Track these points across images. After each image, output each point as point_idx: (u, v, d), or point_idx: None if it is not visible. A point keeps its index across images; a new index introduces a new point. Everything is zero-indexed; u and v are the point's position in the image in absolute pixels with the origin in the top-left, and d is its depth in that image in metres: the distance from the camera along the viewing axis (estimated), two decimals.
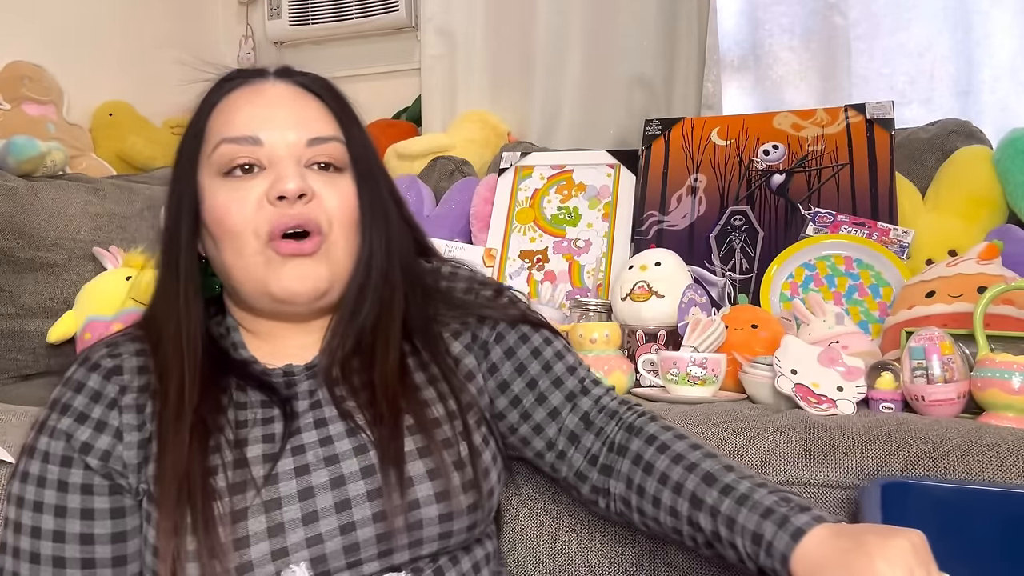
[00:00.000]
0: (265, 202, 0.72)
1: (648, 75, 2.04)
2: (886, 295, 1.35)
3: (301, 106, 0.77)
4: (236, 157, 0.73)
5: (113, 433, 0.71)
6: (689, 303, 1.29)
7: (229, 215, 0.72)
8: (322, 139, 0.75)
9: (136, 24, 2.32)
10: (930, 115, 1.82)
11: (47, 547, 0.68)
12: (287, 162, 0.73)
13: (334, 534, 0.69)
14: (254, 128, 0.73)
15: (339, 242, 0.75)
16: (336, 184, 0.75)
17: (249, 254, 0.72)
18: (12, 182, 1.60)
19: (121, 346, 0.76)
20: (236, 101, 0.76)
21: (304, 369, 0.78)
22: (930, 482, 0.82)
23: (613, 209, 1.69)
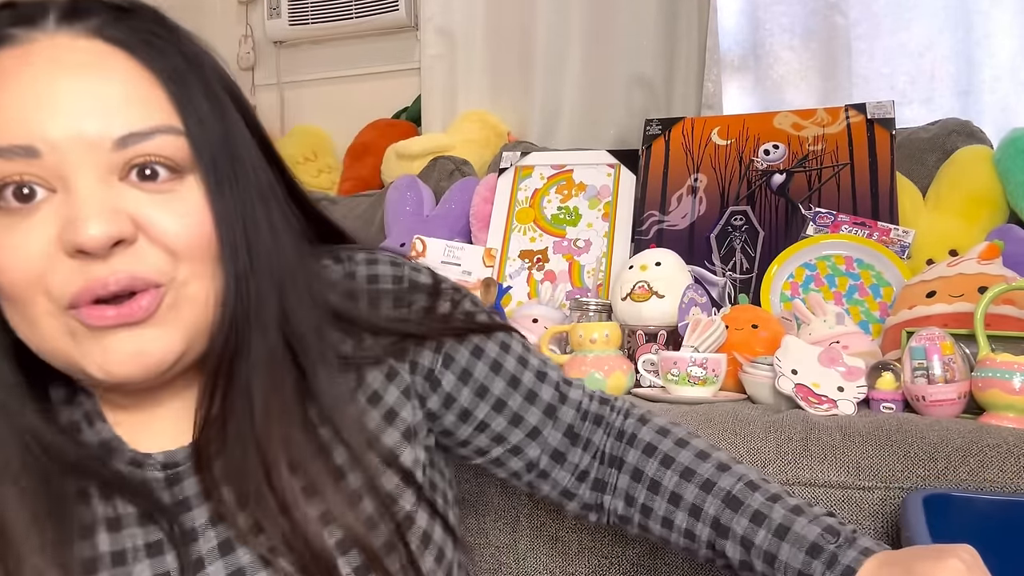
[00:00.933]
0: (59, 252, 0.47)
1: (648, 75, 2.04)
2: (887, 295, 1.35)
3: (103, 77, 0.48)
4: (2, 179, 0.46)
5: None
6: (689, 303, 1.29)
7: (3, 273, 0.47)
8: (140, 134, 0.48)
9: None
10: (931, 115, 1.82)
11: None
12: (85, 183, 0.47)
13: None
14: (24, 129, 0.46)
15: (191, 283, 0.50)
16: (174, 198, 0.49)
17: (44, 324, 0.48)
18: None
19: None
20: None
21: (192, 453, 0.55)
22: (973, 495, 0.80)
23: (613, 209, 1.69)
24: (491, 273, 1.68)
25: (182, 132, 0.50)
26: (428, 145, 2.07)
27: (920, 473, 0.86)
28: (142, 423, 0.56)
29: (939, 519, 0.75)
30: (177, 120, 0.50)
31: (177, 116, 0.50)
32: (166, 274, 0.49)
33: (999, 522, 0.77)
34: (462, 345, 0.64)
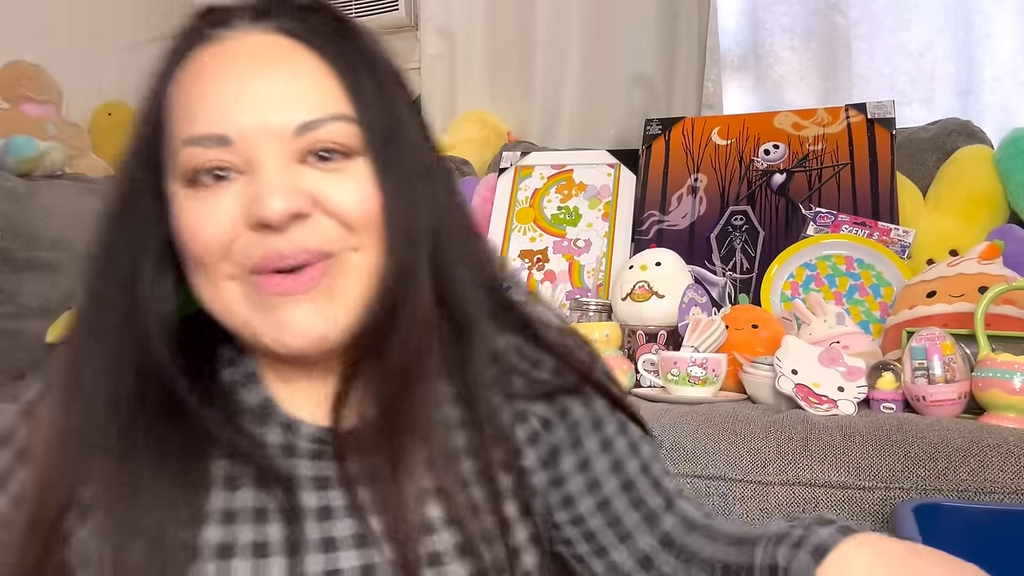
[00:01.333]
0: (244, 226, 0.52)
1: (648, 75, 2.04)
2: (887, 295, 1.35)
3: (286, 71, 0.53)
4: (200, 163, 0.52)
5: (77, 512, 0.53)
6: (689, 303, 1.29)
7: (195, 239, 0.52)
8: (317, 122, 0.53)
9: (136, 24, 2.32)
10: (931, 115, 1.82)
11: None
12: (269, 165, 0.52)
13: None
14: (219, 119, 0.52)
15: (358, 256, 0.54)
16: (346, 176, 0.54)
17: (225, 288, 0.53)
18: (11, 182, 1.60)
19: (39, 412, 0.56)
20: (195, 74, 0.54)
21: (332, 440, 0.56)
22: (963, 504, 0.80)
23: (613, 209, 1.69)
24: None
25: (353, 119, 0.54)
26: None
27: (920, 473, 0.86)
28: (297, 391, 0.58)
29: (930, 528, 0.75)
30: (349, 108, 0.54)
31: (349, 104, 0.54)
32: (338, 243, 0.53)
33: (989, 530, 0.77)
34: (595, 432, 0.62)
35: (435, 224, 0.57)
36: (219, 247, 0.52)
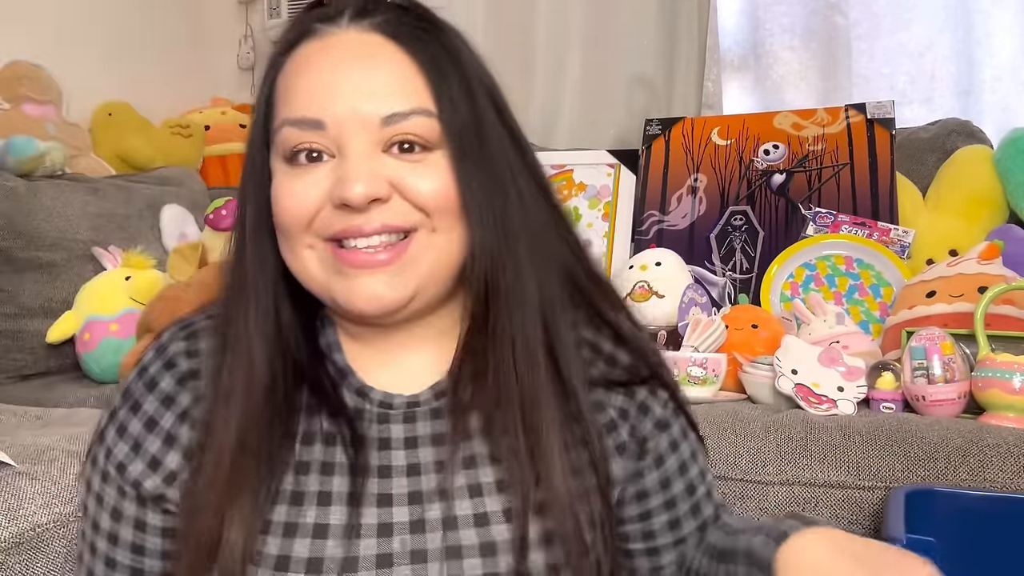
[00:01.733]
0: (328, 203, 0.58)
1: (648, 75, 2.04)
2: (887, 295, 1.35)
3: (377, 67, 0.59)
4: (297, 144, 0.58)
5: (181, 453, 0.60)
6: (689, 303, 1.29)
7: (284, 210, 0.58)
8: (402, 114, 0.57)
9: (136, 24, 2.32)
10: (931, 115, 1.82)
11: (101, 544, 0.62)
12: (357, 151, 0.57)
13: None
14: (316, 105, 0.58)
15: (435, 237, 0.59)
16: (424, 166, 0.58)
17: (303, 251, 0.59)
18: (11, 182, 1.60)
19: (201, 339, 0.63)
20: (300, 64, 0.60)
21: (405, 403, 0.62)
22: (956, 490, 0.81)
23: (613, 209, 1.69)
24: None
25: (435, 115, 0.58)
26: None
27: (920, 473, 0.86)
28: (374, 362, 0.63)
29: (923, 514, 0.76)
30: (432, 104, 0.59)
31: (432, 100, 0.59)
32: (415, 222, 0.58)
33: (983, 516, 0.78)
34: (663, 432, 0.65)
35: (523, 217, 0.61)
36: (304, 220, 0.58)
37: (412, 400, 0.62)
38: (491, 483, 0.59)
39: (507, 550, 0.57)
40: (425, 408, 0.62)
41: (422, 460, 0.60)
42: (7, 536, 0.79)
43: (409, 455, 0.60)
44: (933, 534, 0.71)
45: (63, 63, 2.07)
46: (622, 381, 0.64)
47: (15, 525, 0.80)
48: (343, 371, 0.63)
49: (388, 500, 0.58)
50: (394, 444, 0.61)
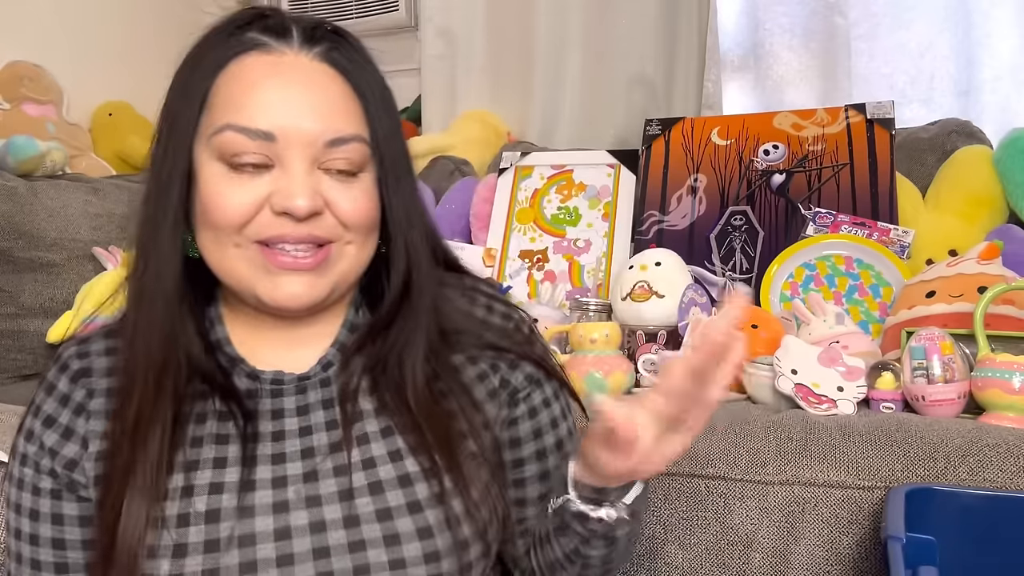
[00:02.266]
0: (267, 207, 0.63)
1: (648, 75, 2.04)
2: (886, 295, 1.35)
3: (324, 93, 0.66)
4: (243, 152, 0.63)
5: (79, 442, 0.67)
6: (689, 303, 1.29)
7: (221, 209, 0.63)
8: (343, 139, 0.65)
9: (136, 24, 2.32)
10: (930, 115, 1.82)
11: (25, 549, 0.67)
12: (299, 167, 0.63)
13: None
14: (267, 119, 0.63)
15: (349, 247, 0.67)
16: (351, 187, 0.66)
17: (231, 250, 0.65)
18: (12, 182, 1.60)
19: (92, 343, 0.70)
20: (249, 74, 0.65)
21: (295, 379, 0.70)
22: (956, 488, 0.81)
23: (613, 209, 1.69)
24: (491, 273, 1.69)
25: (367, 141, 0.67)
26: (428, 145, 2.07)
27: (920, 473, 0.86)
28: (266, 350, 0.71)
29: (923, 513, 0.76)
30: (366, 131, 0.67)
31: (366, 127, 0.67)
32: (336, 236, 0.66)
33: (983, 515, 0.78)
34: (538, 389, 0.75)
35: (421, 223, 0.71)
36: (239, 223, 0.64)
37: (302, 376, 0.70)
38: (376, 431, 0.67)
39: (394, 486, 0.65)
40: (315, 380, 0.70)
41: (313, 422, 0.68)
42: None
43: (302, 420, 0.68)
44: (933, 533, 0.72)
45: (63, 63, 2.07)
46: (492, 344, 0.73)
47: None
48: (234, 360, 0.70)
49: (282, 458, 0.66)
50: (287, 413, 0.69)
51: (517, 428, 0.74)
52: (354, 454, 0.66)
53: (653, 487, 0.95)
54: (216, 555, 0.61)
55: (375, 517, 0.64)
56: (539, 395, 0.75)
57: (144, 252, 0.67)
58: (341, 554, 0.63)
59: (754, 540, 0.90)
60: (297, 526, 0.63)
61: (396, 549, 0.63)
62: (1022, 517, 0.77)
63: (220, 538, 0.62)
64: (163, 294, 0.66)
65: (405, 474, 0.66)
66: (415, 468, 0.66)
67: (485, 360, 0.73)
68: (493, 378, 0.73)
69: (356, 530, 0.63)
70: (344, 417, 0.68)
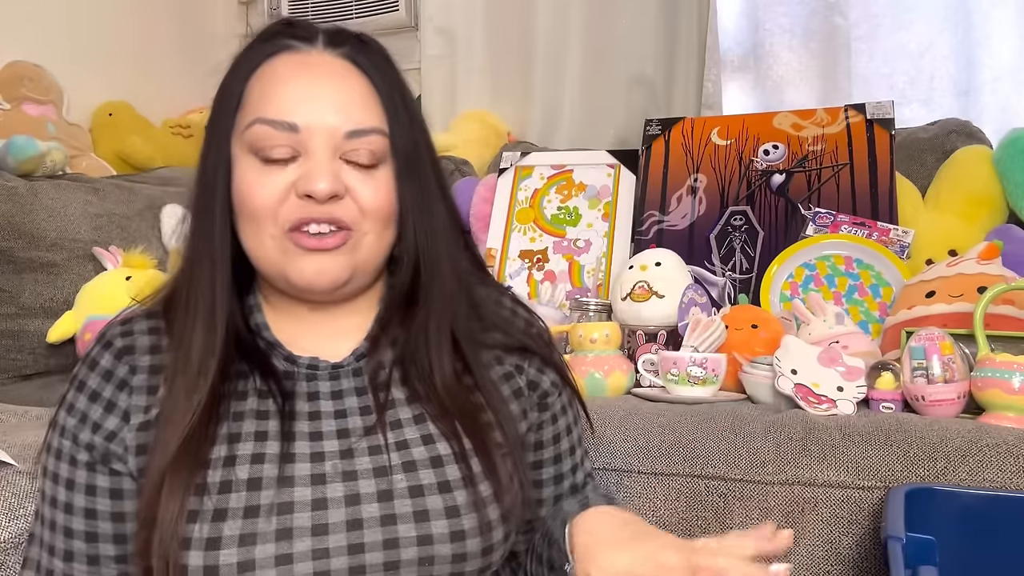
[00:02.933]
0: (292, 193, 0.69)
1: (648, 75, 2.04)
2: (886, 295, 1.35)
3: (346, 87, 0.71)
4: (272, 144, 0.69)
5: (121, 415, 0.70)
6: (689, 303, 1.29)
7: (253, 198, 0.69)
8: (362, 131, 0.70)
9: (136, 24, 2.32)
10: (930, 115, 1.82)
11: (60, 516, 0.70)
12: (321, 155, 0.69)
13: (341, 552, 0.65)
14: (293, 111, 0.69)
15: (369, 236, 0.71)
16: (370, 178, 0.71)
17: (267, 240, 0.70)
18: (12, 182, 1.60)
19: (135, 323, 0.74)
20: (277, 71, 0.71)
21: (330, 367, 0.75)
22: (956, 488, 0.81)
23: (613, 209, 1.69)
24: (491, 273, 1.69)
25: (387, 134, 0.71)
26: None
27: (920, 473, 0.87)
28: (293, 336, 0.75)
29: (923, 513, 0.76)
30: (385, 125, 0.71)
31: (385, 122, 0.72)
32: (356, 223, 0.70)
33: (982, 515, 0.78)
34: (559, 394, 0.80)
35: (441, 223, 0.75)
36: (272, 209, 0.69)
37: (336, 364, 0.74)
38: (409, 418, 0.71)
39: (427, 466, 0.69)
40: (348, 368, 0.75)
41: (348, 406, 0.72)
42: (7, 536, 0.79)
43: (336, 403, 0.73)
44: (933, 533, 0.72)
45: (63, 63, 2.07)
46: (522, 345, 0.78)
47: (15, 525, 0.80)
48: (272, 344, 0.75)
49: (319, 436, 0.70)
50: (322, 395, 0.73)
51: (543, 432, 0.79)
52: (389, 436, 0.70)
53: (653, 487, 0.95)
54: (255, 520, 0.65)
55: (407, 493, 0.67)
56: (559, 402, 0.80)
57: (202, 244, 0.72)
58: (373, 526, 0.66)
59: None
60: (333, 498, 0.66)
61: (425, 525, 0.66)
62: (1022, 517, 0.77)
63: (260, 505, 0.65)
64: (216, 279, 0.71)
65: (437, 456, 0.69)
66: (447, 451, 0.70)
67: (511, 361, 0.78)
68: (519, 379, 0.78)
69: (388, 504, 0.67)
70: (377, 402, 0.72)
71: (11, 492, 0.82)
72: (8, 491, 0.82)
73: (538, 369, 0.79)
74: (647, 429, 0.99)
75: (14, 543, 0.79)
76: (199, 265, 0.72)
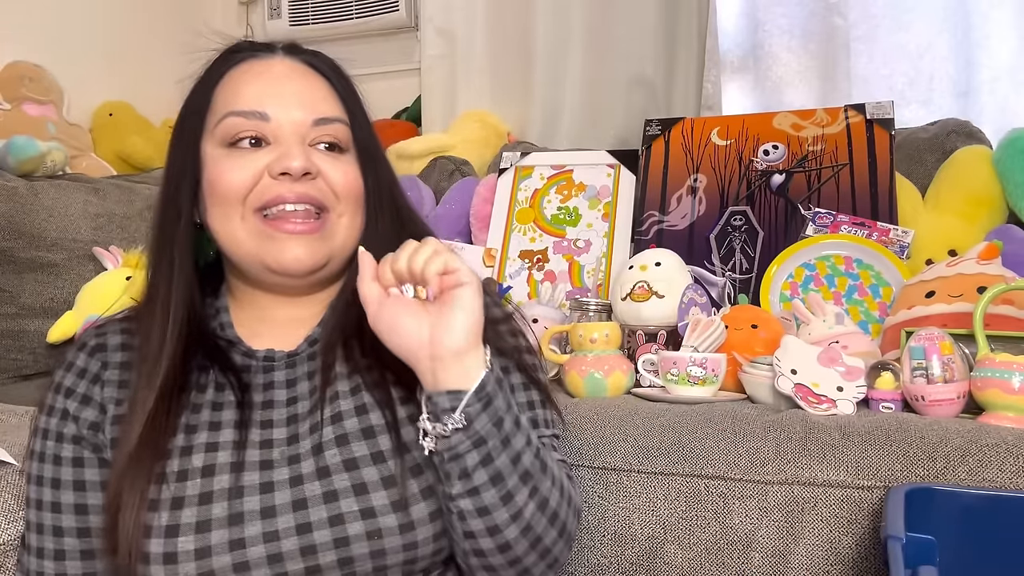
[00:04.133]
0: (266, 175, 0.72)
1: (648, 75, 2.04)
2: (886, 295, 1.35)
3: (308, 85, 0.77)
4: (242, 131, 0.73)
5: (98, 408, 0.73)
6: (689, 303, 1.29)
7: (223, 182, 0.73)
8: (328, 119, 0.76)
9: (136, 24, 2.32)
10: (930, 116, 1.82)
11: (47, 518, 0.71)
12: (292, 140, 0.74)
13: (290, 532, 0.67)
14: (262, 103, 0.74)
15: (343, 218, 0.76)
16: (339, 161, 0.76)
17: (237, 223, 0.73)
18: (12, 182, 1.60)
19: (108, 324, 0.78)
20: (244, 75, 0.77)
21: (285, 356, 0.78)
22: (956, 488, 0.81)
23: (613, 209, 1.69)
24: (491, 273, 1.69)
25: (348, 124, 0.78)
26: (428, 145, 2.07)
27: (920, 472, 0.87)
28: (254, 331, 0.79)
29: (922, 513, 0.76)
30: (345, 116, 0.78)
31: (345, 114, 0.78)
32: (330, 203, 0.75)
33: (982, 515, 0.78)
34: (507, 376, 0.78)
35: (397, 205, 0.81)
36: (243, 191, 0.72)
37: (292, 352, 0.78)
38: (346, 391, 0.74)
39: (359, 438, 0.71)
40: (303, 355, 0.78)
41: (299, 392, 0.75)
42: (7, 538, 0.79)
43: (289, 391, 0.76)
44: (932, 533, 0.72)
45: (63, 63, 2.07)
46: None
47: (15, 527, 0.80)
48: (232, 341, 0.79)
49: (270, 424, 0.73)
50: (276, 385, 0.76)
51: None
52: (325, 411, 0.73)
53: (653, 487, 0.95)
54: (208, 507, 0.67)
55: (343, 467, 0.69)
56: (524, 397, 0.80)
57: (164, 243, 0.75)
58: (317, 504, 0.68)
59: (754, 540, 0.90)
60: (279, 480, 0.69)
61: (365, 498, 0.68)
62: (1022, 517, 0.77)
63: (213, 491, 0.68)
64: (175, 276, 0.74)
65: (369, 426, 0.71)
66: (379, 421, 0.72)
67: None
68: None
69: (327, 480, 0.69)
70: (322, 382, 0.74)
71: (11, 493, 0.82)
72: (8, 492, 0.82)
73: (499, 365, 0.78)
74: (647, 429, 0.99)
75: (14, 544, 0.79)
76: (160, 264, 0.75)
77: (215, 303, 0.81)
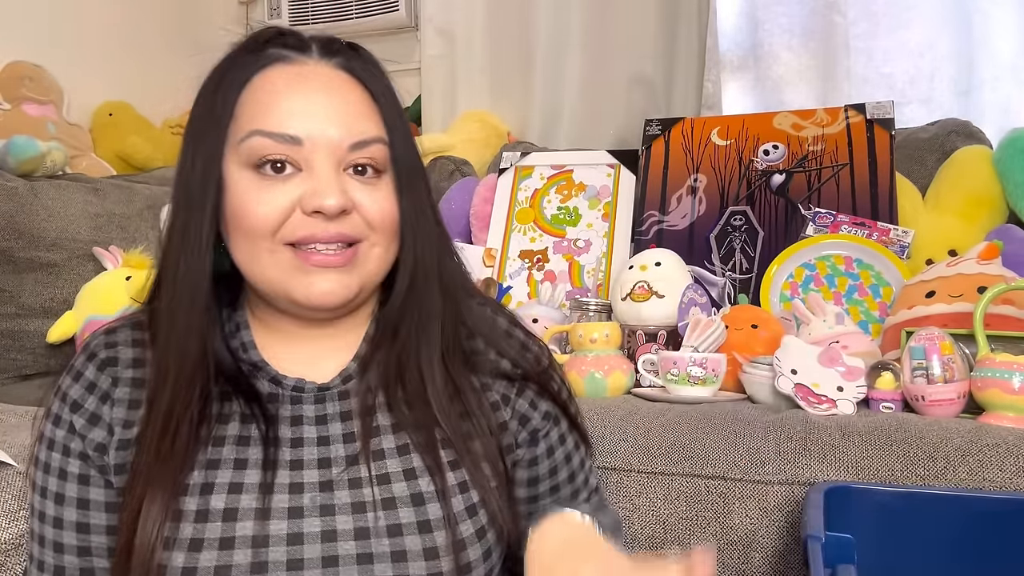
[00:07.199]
0: (298, 210, 0.66)
1: (648, 75, 2.04)
2: (886, 295, 1.35)
3: (345, 98, 0.69)
4: (272, 154, 0.66)
5: (106, 428, 0.68)
6: (689, 303, 1.29)
7: (251, 216, 0.66)
8: (365, 142, 0.68)
9: (136, 24, 2.32)
10: (930, 115, 1.82)
11: (49, 532, 0.68)
12: (326, 168, 0.66)
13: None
14: (293, 124, 0.66)
15: (375, 249, 0.69)
16: (375, 190, 0.69)
17: (265, 256, 0.67)
18: (12, 182, 1.60)
19: (119, 333, 0.72)
20: (274, 83, 0.68)
21: (315, 389, 0.72)
22: (873, 486, 0.82)
23: (613, 209, 1.69)
24: (491, 273, 1.69)
25: (387, 143, 0.69)
26: (428, 145, 2.07)
27: (919, 472, 0.87)
28: (279, 355, 0.73)
29: (841, 512, 0.77)
30: (385, 134, 0.69)
31: (384, 131, 0.70)
32: (364, 235, 0.68)
33: (899, 513, 0.79)
34: (556, 426, 0.77)
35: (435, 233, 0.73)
36: (274, 226, 0.66)
37: (323, 386, 0.72)
38: (392, 448, 0.69)
39: (407, 504, 0.66)
40: (334, 391, 0.72)
41: (331, 433, 0.70)
42: (7, 537, 0.79)
43: (320, 429, 0.70)
44: (851, 531, 0.73)
45: (63, 63, 2.07)
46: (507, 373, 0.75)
47: (15, 526, 0.80)
48: (257, 365, 0.72)
49: (300, 464, 0.67)
50: (306, 421, 0.70)
51: (536, 468, 0.76)
52: (372, 470, 0.67)
53: (653, 487, 0.95)
54: (230, 552, 0.63)
55: (386, 532, 0.65)
56: (556, 432, 0.77)
57: (177, 260, 0.68)
58: (349, 564, 0.64)
59: (754, 540, 0.90)
60: (310, 533, 0.64)
61: (402, 566, 0.64)
62: (938, 514, 0.77)
63: (235, 536, 0.63)
64: (197, 299, 0.67)
65: (418, 492, 0.67)
66: (428, 488, 0.67)
67: (498, 389, 0.74)
68: (504, 410, 0.74)
69: (366, 543, 0.64)
70: (363, 431, 0.69)
71: (11, 493, 0.82)
72: (8, 492, 0.82)
73: (530, 403, 0.75)
74: (647, 429, 0.99)
75: (14, 544, 0.79)
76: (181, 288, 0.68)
77: (234, 317, 0.74)
